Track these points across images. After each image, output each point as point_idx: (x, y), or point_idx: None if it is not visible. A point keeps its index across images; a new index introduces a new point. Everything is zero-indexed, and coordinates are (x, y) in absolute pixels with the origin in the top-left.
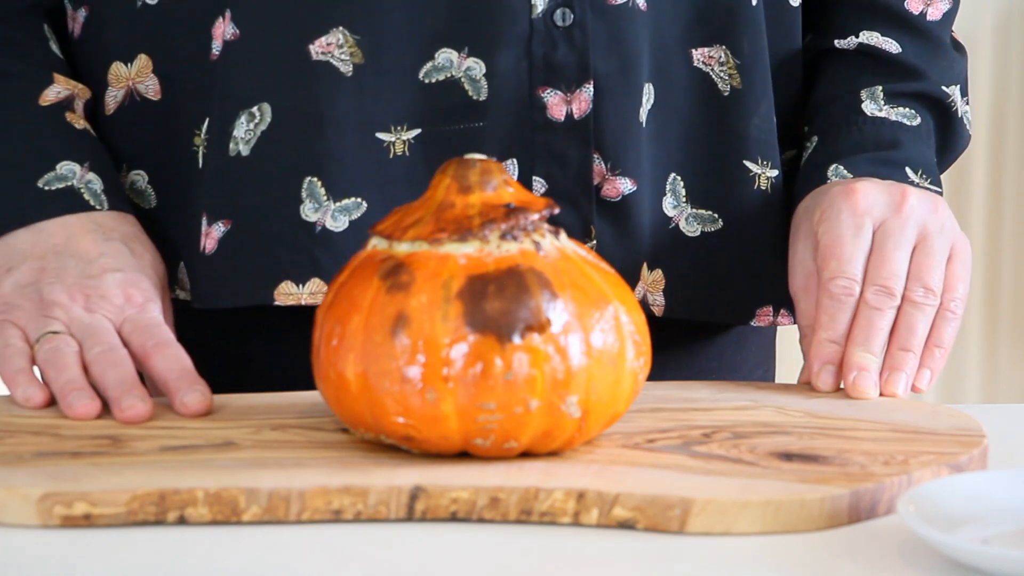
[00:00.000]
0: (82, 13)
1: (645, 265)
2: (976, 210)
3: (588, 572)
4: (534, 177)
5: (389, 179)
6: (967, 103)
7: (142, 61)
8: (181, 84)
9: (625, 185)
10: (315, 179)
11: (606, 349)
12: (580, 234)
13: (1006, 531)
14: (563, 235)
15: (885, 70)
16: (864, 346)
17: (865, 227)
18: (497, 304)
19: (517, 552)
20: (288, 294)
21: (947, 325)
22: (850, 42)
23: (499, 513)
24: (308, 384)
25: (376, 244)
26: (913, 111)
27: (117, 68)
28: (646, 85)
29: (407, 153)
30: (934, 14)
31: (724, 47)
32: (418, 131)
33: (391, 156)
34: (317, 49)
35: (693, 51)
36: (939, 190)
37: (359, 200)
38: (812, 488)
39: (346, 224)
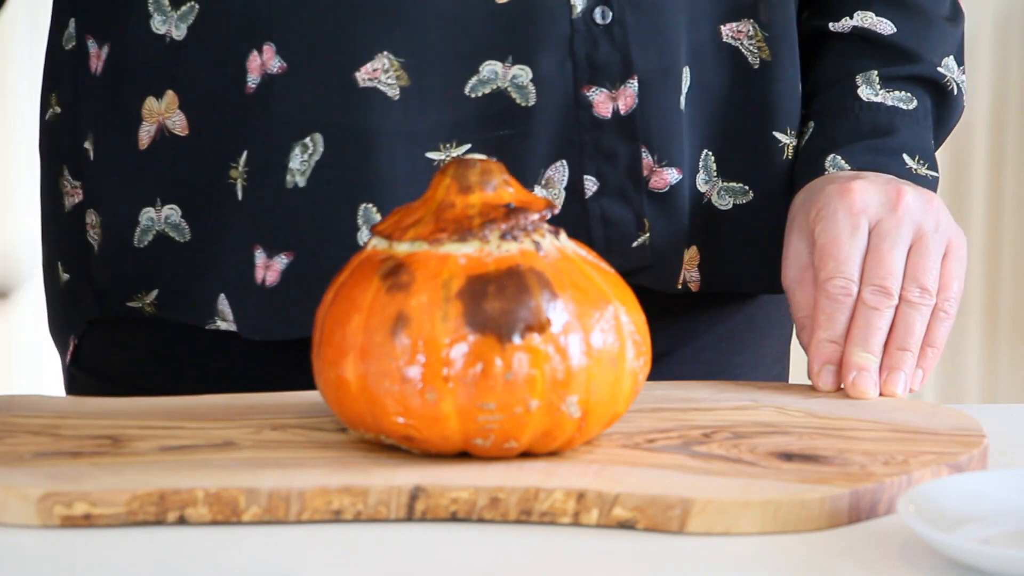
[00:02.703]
0: (105, 50)
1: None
2: (976, 210)
3: (588, 572)
4: (585, 176)
5: None
6: (963, 71)
7: (169, 97)
8: (211, 119)
9: (672, 175)
10: (370, 205)
11: (606, 349)
12: (634, 227)
13: (1006, 531)
14: (563, 235)
15: (880, 54)
16: (863, 346)
17: (861, 227)
18: (497, 304)
19: (517, 552)
20: None
21: (941, 325)
22: (844, 24)
23: (499, 513)
24: None
25: (376, 244)
26: (909, 94)
27: (151, 103)
28: (684, 70)
29: None
30: None
31: (752, 20)
32: (468, 146)
33: None
34: (364, 76)
35: (722, 27)
36: (936, 174)
37: None
38: (812, 488)
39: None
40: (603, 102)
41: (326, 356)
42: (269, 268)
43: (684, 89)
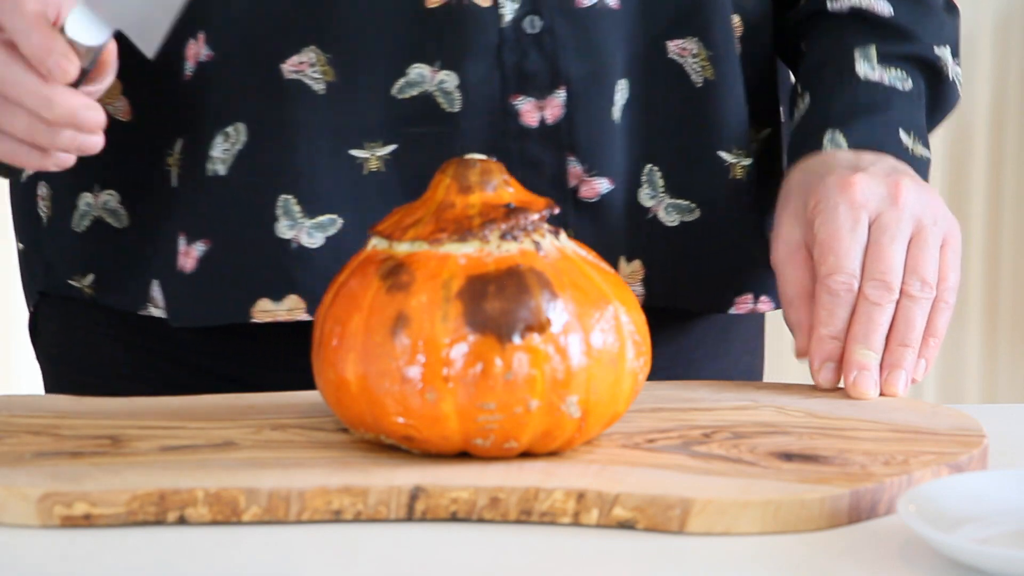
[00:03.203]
0: None
1: (623, 258)
2: (976, 210)
3: (588, 572)
4: None
5: (364, 195)
6: (958, 64)
7: (113, 82)
8: (152, 105)
9: (603, 185)
10: (290, 197)
11: (606, 349)
12: None
13: (1006, 531)
14: (563, 235)
15: (877, 32)
16: (864, 342)
17: (862, 221)
18: (497, 304)
19: (517, 552)
20: (265, 311)
21: (941, 316)
22: (842, 4)
23: (499, 513)
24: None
25: (376, 244)
26: (904, 73)
27: None
28: (620, 81)
29: (382, 169)
30: None
31: (697, 39)
32: (393, 147)
33: (365, 172)
34: (289, 68)
35: (668, 43)
36: (929, 155)
37: (334, 217)
38: (812, 488)
39: (322, 241)
40: (530, 111)
41: (326, 356)
42: (188, 255)
43: (619, 100)
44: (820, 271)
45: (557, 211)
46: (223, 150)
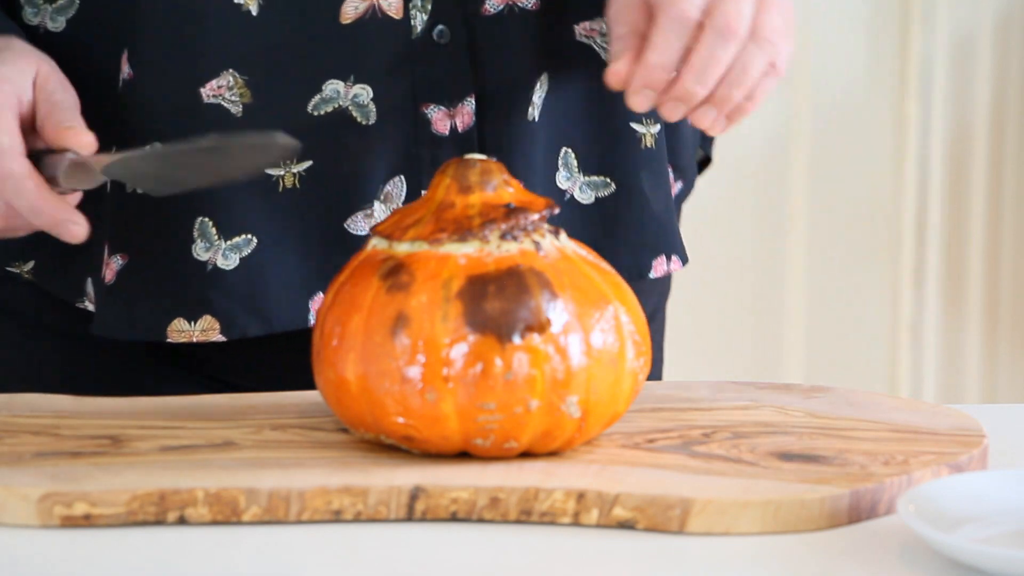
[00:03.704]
0: None
1: None
2: (976, 210)
3: (588, 572)
4: (422, 191)
5: (278, 212)
6: None
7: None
8: (90, 111)
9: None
10: (206, 219)
11: (606, 349)
12: None
13: (1006, 531)
14: (563, 235)
15: None
16: (699, 76)
17: None
18: (497, 304)
19: (517, 552)
20: (180, 331)
21: (769, 81)
22: None
23: (499, 513)
24: None
25: (376, 244)
26: None
27: None
28: (540, 78)
29: (297, 185)
30: None
31: (604, 19)
32: (308, 163)
33: (280, 190)
34: (208, 92)
35: (576, 27)
36: None
37: (249, 236)
38: (812, 488)
39: (236, 262)
40: (441, 119)
41: (326, 356)
42: (109, 267)
43: (538, 99)
44: (661, 6)
45: (557, 211)
46: None
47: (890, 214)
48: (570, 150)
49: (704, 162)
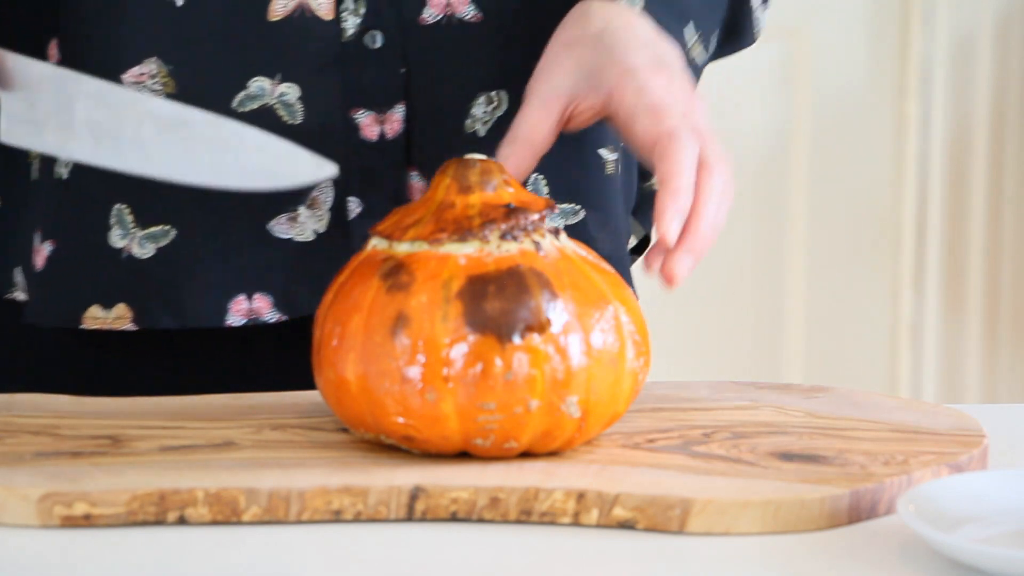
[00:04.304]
0: None
1: None
2: (976, 210)
3: (588, 572)
4: (348, 197)
5: (199, 207)
6: (766, 9)
7: None
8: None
9: None
10: (124, 206)
11: (606, 349)
12: None
13: (1006, 531)
14: (563, 235)
15: None
16: (716, 223)
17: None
18: (497, 304)
19: (517, 552)
20: (95, 318)
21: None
22: None
23: (499, 513)
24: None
25: (376, 244)
26: None
27: None
28: (490, 94)
29: None
30: None
31: None
32: None
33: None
34: (130, 78)
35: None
36: (704, 62)
37: (167, 227)
38: (812, 488)
39: (153, 251)
40: (369, 125)
41: (326, 356)
42: (39, 253)
43: (481, 113)
44: (707, 164)
45: (557, 211)
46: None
47: (890, 214)
48: (540, 176)
49: (643, 243)
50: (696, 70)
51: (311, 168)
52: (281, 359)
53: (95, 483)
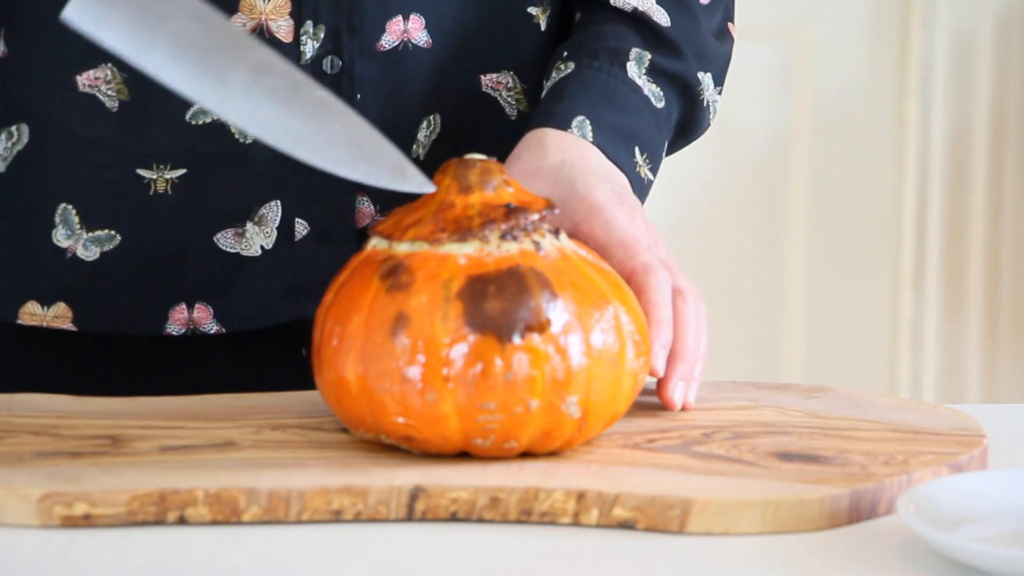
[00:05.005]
0: None
1: None
2: (976, 210)
3: (588, 572)
4: (297, 219)
5: (147, 215)
6: (720, 92)
7: None
8: None
9: None
10: (70, 207)
11: (606, 349)
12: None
13: (1006, 531)
14: (563, 235)
15: (651, 41)
16: (700, 344)
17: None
18: (497, 304)
19: (517, 552)
20: (32, 314)
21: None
22: (626, 3)
23: (499, 513)
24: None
25: (376, 244)
26: (662, 92)
27: None
28: (429, 118)
29: (169, 191)
30: None
31: (512, 72)
32: (183, 171)
33: (151, 193)
34: (84, 81)
35: (482, 77)
36: (653, 178)
37: (112, 232)
38: (812, 488)
39: (97, 254)
40: None
41: (326, 356)
42: None
43: (424, 137)
44: (684, 294)
45: (558, 211)
46: (4, 147)
47: (890, 214)
48: None
49: None
50: (644, 189)
51: (393, 173)
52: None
53: (95, 483)
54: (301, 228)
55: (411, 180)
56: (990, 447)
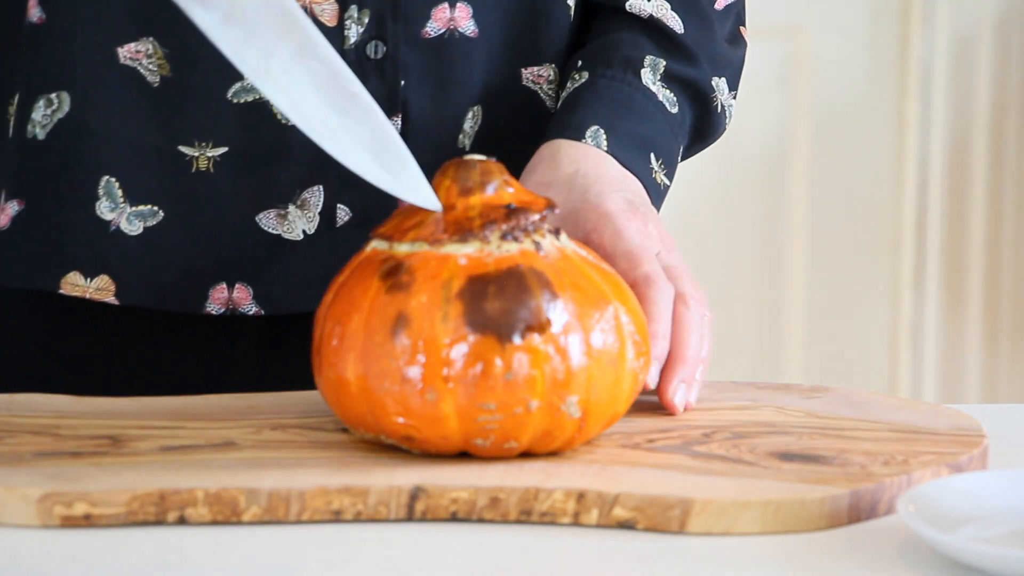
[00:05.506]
0: None
1: None
2: (976, 210)
3: (588, 572)
4: (339, 204)
5: (189, 193)
6: (735, 96)
7: None
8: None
9: None
10: (113, 179)
11: (606, 349)
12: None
13: (1006, 531)
14: (563, 235)
15: (666, 47)
16: (701, 346)
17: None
18: (497, 304)
19: (517, 552)
20: (75, 285)
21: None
22: (642, 10)
23: (499, 513)
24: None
25: (376, 246)
26: (675, 98)
27: None
28: (473, 109)
29: (211, 170)
30: (720, 3)
31: (553, 65)
32: (224, 149)
33: (193, 170)
34: (126, 53)
35: (523, 71)
36: (669, 183)
37: (155, 208)
38: (812, 488)
39: (140, 229)
40: None
41: (326, 356)
42: (4, 212)
43: (470, 128)
44: (685, 299)
45: (558, 211)
46: (43, 115)
47: (890, 214)
48: None
49: None
50: (660, 195)
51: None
52: (262, 356)
53: (95, 483)
54: (343, 214)
55: (422, 195)
56: (990, 447)
